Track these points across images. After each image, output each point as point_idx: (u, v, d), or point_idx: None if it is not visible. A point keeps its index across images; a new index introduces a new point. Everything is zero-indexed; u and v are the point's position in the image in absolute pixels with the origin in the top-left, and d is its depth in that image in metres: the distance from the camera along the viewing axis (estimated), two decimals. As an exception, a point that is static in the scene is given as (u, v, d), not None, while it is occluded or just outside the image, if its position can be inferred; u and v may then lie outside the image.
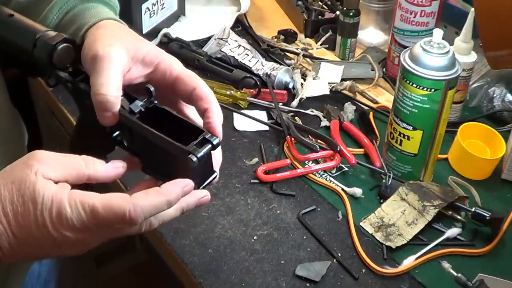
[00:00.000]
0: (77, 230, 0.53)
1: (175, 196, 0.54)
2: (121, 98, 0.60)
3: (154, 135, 0.58)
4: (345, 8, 1.23)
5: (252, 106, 1.12)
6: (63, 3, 0.70)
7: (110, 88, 0.59)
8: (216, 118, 0.60)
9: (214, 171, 0.61)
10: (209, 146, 0.57)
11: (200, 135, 0.57)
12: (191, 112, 0.65)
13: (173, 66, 0.63)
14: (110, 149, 0.67)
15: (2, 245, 0.53)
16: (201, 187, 0.60)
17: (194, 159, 0.55)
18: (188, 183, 0.55)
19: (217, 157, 0.62)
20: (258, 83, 1.14)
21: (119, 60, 0.60)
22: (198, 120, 0.63)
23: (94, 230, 0.54)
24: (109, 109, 0.59)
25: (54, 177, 0.54)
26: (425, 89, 0.88)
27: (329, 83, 1.17)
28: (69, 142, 0.73)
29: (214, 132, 0.59)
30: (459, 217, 0.91)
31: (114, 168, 0.58)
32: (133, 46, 0.62)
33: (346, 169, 1.00)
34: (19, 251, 0.54)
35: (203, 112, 0.61)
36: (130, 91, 0.63)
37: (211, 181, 0.61)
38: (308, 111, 1.11)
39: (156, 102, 0.61)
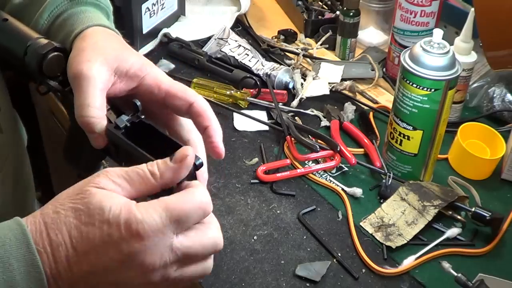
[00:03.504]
0: (147, 237, 0.48)
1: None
2: (108, 112, 0.59)
3: (137, 152, 0.57)
4: (345, 8, 1.23)
5: (252, 106, 1.12)
6: (54, 7, 0.69)
7: (91, 110, 0.58)
8: (218, 136, 0.60)
9: None
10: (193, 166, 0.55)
11: None
12: (179, 125, 0.63)
13: (161, 81, 0.62)
14: (102, 157, 0.66)
15: (58, 258, 0.49)
16: None
17: None
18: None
19: (203, 175, 0.60)
20: (258, 83, 1.14)
21: (99, 77, 0.59)
22: (188, 133, 0.62)
23: (169, 237, 0.49)
24: (93, 130, 0.58)
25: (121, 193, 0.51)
26: (425, 89, 0.88)
27: (329, 83, 1.17)
28: (62, 149, 0.72)
29: (218, 151, 0.59)
30: (459, 217, 0.91)
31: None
32: (116, 60, 0.61)
33: (346, 169, 1.00)
34: (77, 269, 0.49)
35: (203, 130, 0.60)
36: (120, 103, 0.62)
37: None
38: (308, 111, 1.11)
39: (143, 117, 0.59)
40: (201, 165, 0.56)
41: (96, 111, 0.58)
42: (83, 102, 0.58)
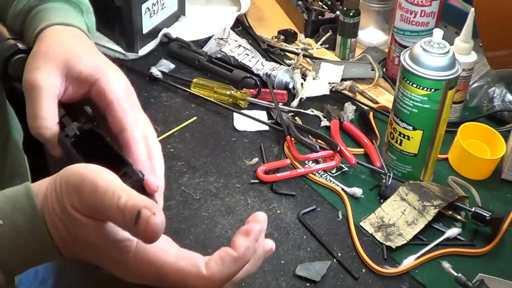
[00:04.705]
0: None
1: (251, 254, 0.52)
2: (65, 118, 0.58)
3: (80, 162, 0.55)
4: (345, 8, 1.23)
5: (252, 106, 1.12)
6: (24, 2, 0.68)
7: (40, 121, 0.57)
8: (146, 170, 0.56)
9: None
10: (130, 181, 0.53)
11: (124, 168, 0.54)
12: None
13: (109, 88, 0.59)
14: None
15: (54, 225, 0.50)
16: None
17: None
18: (256, 228, 0.53)
19: (159, 185, 0.58)
20: (258, 83, 1.14)
21: (48, 86, 0.58)
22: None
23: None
24: (45, 140, 0.58)
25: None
26: (425, 89, 0.88)
27: (329, 83, 1.17)
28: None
29: (149, 188, 0.55)
30: (459, 217, 0.91)
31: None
32: (66, 64, 0.59)
33: (346, 169, 1.00)
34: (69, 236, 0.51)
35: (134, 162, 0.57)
36: (77, 108, 0.60)
37: None
38: (308, 111, 1.11)
39: (95, 124, 0.58)
40: (141, 180, 0.54)
41: (44, 122, 0.57)
42: (32, 113, 0.58)
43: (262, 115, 1.11)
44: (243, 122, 1.09)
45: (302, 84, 1.16)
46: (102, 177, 0.49)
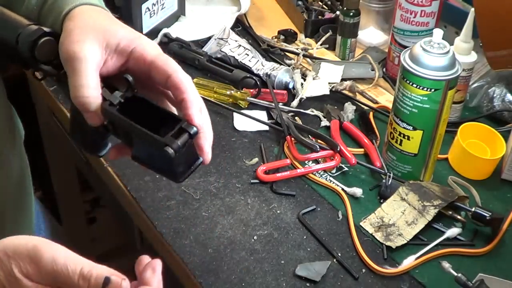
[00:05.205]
0: None
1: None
2: (102, 90, 0.60)
3: (133, 127, 0.58)
4: (345, 8, 1.23)
5: (252, 106, 1.12)
6: None
7: (85, 90, 0.58)
8: (194, 108, 0.59)
9: (198, 158, 0.61)
10: (186, 135, 0.56)
11: (177, 124, 0.57)
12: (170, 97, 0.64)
13: (147, 52, 0.62)
14: (105, 135, 0.67)
15: None
16: (187, 174, 0.60)
17: (171, 150, 0.55)
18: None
19: (207, 137, 0.61)
20: (258, 83, 1.14)
21: (91, 57, 0.59)
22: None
23: None
24: (89, 110, 0.59)
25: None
26: (425, 89, 0.88)
27: (329, 83, 1.17)
28: (69, 129, 0.73)
29: (193, 123, 0.58)
30: (459, 217, 0.91)
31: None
32: (104, 37, 0.61)
33: (346, 169, 1.00)
34: None
35: (179, 102, 0.60)
36: (114, 81, 0.62)
37: (196, 168, 0.60)
38: (308, 111, 1.11)
39: (135, 91, 0.60)
40: (195, 134, 0.57)
41: (90, 91, 0.59)
42: (78, 83, 0.59)
43: (262, 115, 1.11)
44: (243, 122, 1.09)
45: (302, 84, 1.16)
46: (57, 249, 0.50)
